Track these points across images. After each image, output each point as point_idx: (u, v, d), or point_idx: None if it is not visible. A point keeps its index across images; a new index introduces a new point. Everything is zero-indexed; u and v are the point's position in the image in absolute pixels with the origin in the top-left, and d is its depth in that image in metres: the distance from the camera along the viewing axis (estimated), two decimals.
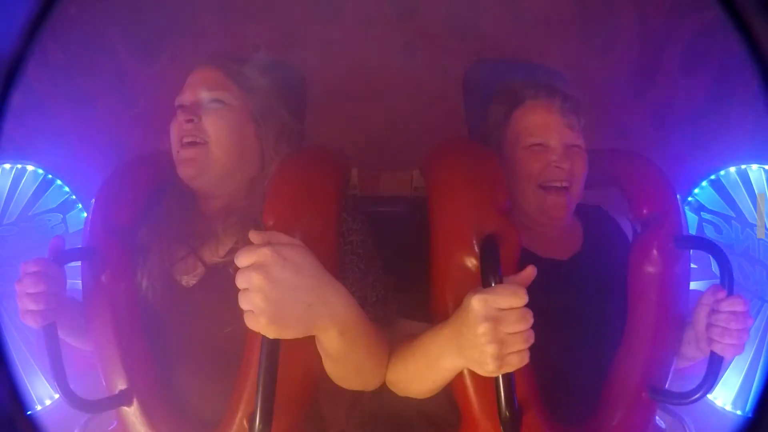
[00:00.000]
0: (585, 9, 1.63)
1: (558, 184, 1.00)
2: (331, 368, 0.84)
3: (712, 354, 0.89)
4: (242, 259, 0.64)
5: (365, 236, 0.98)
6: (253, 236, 0.67)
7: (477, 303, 0.67)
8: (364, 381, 0.89)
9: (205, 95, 1.00)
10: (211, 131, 0.98)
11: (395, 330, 0.96)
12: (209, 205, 1.04)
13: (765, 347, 1.51)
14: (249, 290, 0.63)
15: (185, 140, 0.98)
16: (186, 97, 1.01)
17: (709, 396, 1.51)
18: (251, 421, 0.71)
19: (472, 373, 0.73)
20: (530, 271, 0.72)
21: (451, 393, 0.89)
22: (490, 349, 0.66)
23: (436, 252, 0.92)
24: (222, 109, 0.99)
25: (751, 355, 1.52)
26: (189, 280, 0.98)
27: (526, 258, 0.95)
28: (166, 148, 1.02)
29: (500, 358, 0.66)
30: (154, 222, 1.01)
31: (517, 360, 0.67)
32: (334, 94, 1.44)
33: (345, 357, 0.80)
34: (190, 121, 0.97)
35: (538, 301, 0.69)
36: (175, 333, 0.96)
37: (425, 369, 0.82)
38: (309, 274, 0.67)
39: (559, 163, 1.00)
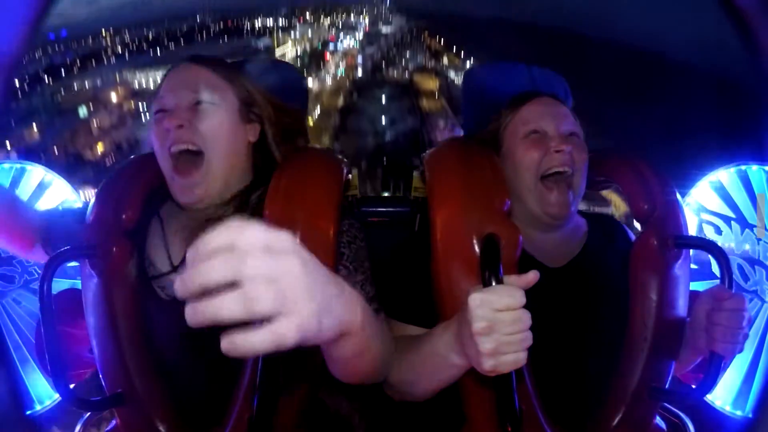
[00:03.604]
0: None
1: (560, 169, 1.00)
2: (342, 369, 0.77)
3: (713, 353, 0.89)
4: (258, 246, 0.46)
5: (357, 241, 0.95)
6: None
7: (473, 302, 0.67)
8: (374, 373, 0.82)
9: (193, 97, 0.91)
10: (208, 136, 0.90)
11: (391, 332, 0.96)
12: (201, 215, 0.96)
13: (765, 347, 1.51)
14: (270, 281, 0.46)
15: (176, 149, 0.90)
16: (168, 101, 0.91)
17: (709, 396, 1.51)
18: (252, 418, 0.71)
19: (475, 376, 0.73)
20: (532, 277, 0.71)
21: (455, 394, 0.89)
22: (485, 348, 0.66)
23: (436, 252, 0.92)
24: (215, 110, 0.91)
25: (751, 355, 1.52)
26: (170, 294, 0.93)
27: (526, 262, 0.96)
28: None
29: (495, 357, 0.67)
30: (146, 231, 0.99)
31: (512, 360, 0.67)
32: None
33: (361, 354, 0.71)
34: (181, 126, 0.88)
35: (535, 306, 0.69)
36: (170, 339, 0.95)
37: (432, 367, 0.82)
38: (323, 273, 0.54)
39: (558, 147, 0.99)
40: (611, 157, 1.12)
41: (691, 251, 1.05)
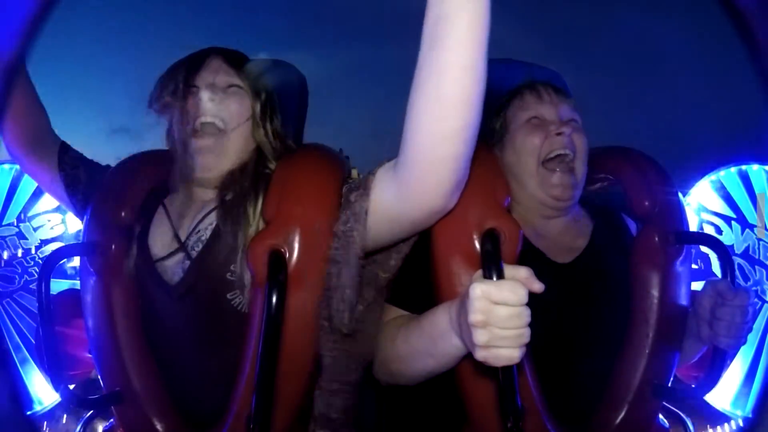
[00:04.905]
0: None
1: (562, 152, 0.99)
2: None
3: (716, 349, 0.89)
4: None
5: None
6: None
7: (473, 292, 0.67)
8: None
9: (227, 80, 0.98)
10: (235, 113, 0.96)
11: (389, 316, 0.96)
12: (201, 196, 0.99)
13: (765, 347, 1.52)
14: None
15: (203, 120, 0.95)
16: (203, 79, 0.97)
17: (709, 396, 1.52)
18: (250, 418, 0.71)
19: (478, 375, 0.73)
20: (538, 287, 0.71)
21: (458, 392, 0.89)
22: (478, 339, 0.66)
23: (437, 248, 0.92)
24: (244, 95, 0.98)
25: (752, 355, 1.52)
26: (175, 276, 0.94)
27: (534, 258, 0.96)
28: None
29: (487, 349, 0.66)
30: (147, 225, 0.99)
31: (506, 355, 0.66)
32: None
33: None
34: (212, 101, 0.95)
35: (541, 302, 0.69)
36: (171, 328, 0.95)
37: (431, 341, 0.81)
38: None
39: (558, 129, 0.99)
40: (612, 153, 1.12)
41: (693, 251, 1.05)
